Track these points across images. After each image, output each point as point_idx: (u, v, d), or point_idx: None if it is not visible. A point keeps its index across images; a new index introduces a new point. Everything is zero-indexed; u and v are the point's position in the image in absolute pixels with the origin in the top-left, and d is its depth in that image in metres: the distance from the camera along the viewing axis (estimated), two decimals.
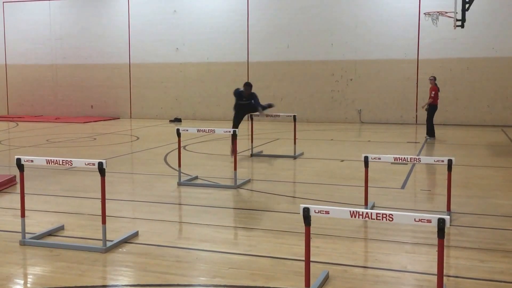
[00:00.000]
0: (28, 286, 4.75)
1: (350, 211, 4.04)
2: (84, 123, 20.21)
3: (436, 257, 3.93)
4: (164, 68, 21.75)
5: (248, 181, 8.94)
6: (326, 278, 4.65)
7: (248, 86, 11.50)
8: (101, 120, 21.28)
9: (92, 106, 22.85)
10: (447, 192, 6.76)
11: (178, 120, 20.92)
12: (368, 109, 19.72)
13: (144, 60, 21.96)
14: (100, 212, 5.54)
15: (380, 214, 3.96)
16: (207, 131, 9.61)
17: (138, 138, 15.54)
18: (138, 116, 22.20)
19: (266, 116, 12.00)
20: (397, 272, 4.90)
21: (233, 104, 11.81)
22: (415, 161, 6.96)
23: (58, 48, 23.06)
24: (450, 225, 5.75)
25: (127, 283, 4.71)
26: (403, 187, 8.58)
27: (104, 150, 13.18)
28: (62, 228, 6.19)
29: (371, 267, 5.04)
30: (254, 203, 7.79)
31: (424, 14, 16.95)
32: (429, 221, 3.83)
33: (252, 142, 12.03)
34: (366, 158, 6.70)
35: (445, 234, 3.82)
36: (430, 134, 14.73)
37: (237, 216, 7.10)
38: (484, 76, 18.53)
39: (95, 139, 15.35)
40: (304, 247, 4.27)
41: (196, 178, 9.19)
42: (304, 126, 17.72)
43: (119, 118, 22.28)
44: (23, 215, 5.65)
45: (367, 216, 4.01)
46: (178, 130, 8.91)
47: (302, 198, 7.94)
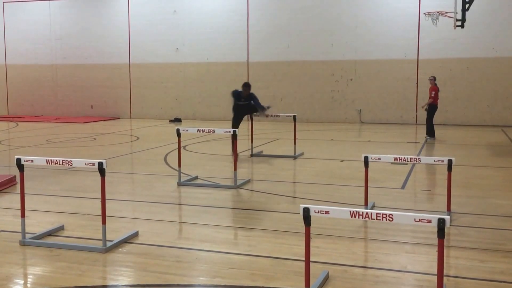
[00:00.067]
0: (28, 286, 4.75)
1: (350, 211, 4.04)
2: (84, 123, 20.21)
3: (436, 257, 3.93)
4: (164, 68, 21.75)
5: (248, 181, 8.94)
6: (326, 278, 4.65)
7: (247, 86, 11.33)
8: (101, 120, 21.28)
9: (92, 106, 22.85)
10: (447, 192, 6.76)
11: (178, 120, 20.91)
12: (368, 109, 19.72)
13: (144, 60, 21.96)
14: (100, 212, 5.54)
15: (380, 214, 3.96)
16: (207, 131, 9.61)
17: (138, 138, 15.54)
18: (138, 116, 22.20)
19: (267, 116, 11.77)
20: (397, 272, 4.90)
21: (232, 104, 11.68)
22: (415, 161, 6.96)
23: (58, 48, 23.06)
24: (450, 225, 5.75)
25: (127, 283, 4.71)
26: (403, 187, 8.58)
27: (104, 150, 13.18)
28: (62, 228, 6.19)
29: (371, 267, 5.04)
30: (254, 203, 7.79)
31: (424, 14, 16.96)
32: (429, 221, 3.83)
33: (252, 142, 12.03)
34: (366, 158, 6.71)
35: (445, 234, 3.82)
36: (430, 134, 14.73)
37: (237, 216, 7.10)
38: (484, 76, 18.53)
39: (95, 139, 15.35)
40: (304, 247, 4.27)
41: (196, 178, 9.19)
42: (304, 126, 17.72)
43: (119, 118, 22.28)
44: (23, 215, 5.66)
45: (367, 216, 4.01)
46: (178, 130, 8.91)
47: (302, 198, 7.94)
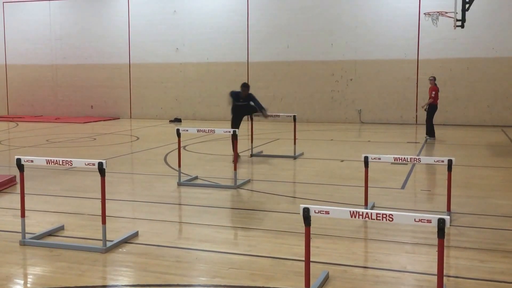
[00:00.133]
0: (28, 286, 4.75)
1: (350, 211, 4.04)
2: (84, 123, 20.21)
3: (436, 257, 3.93)
4: (164, 68, 21.75)
5: (248, 181, 8.94)
6: (326, 278, 4.65)
7: (245, 87, 11.17)
8: (101, 120, 21.28)
9: (92, 106, 22.85)
10: (447, 192, 6.76)
11: (178, 120, 20.91)
12: (368, 109, 19.71)
13: (144, 60, 21.96)
14: (100, 212, 5.54)
15: (380, 214, 3.96)
16: (207, 131, 9.60)
17: (138, 138, 15.54)
18: (138, 116, 22.20)
19: (267, 117, 11.57)
20: (397, 272, 4.90)
21: (230, 105, 11.44)
22: (415, 161, 6.96)
23: (58, 48, 23.05)
24: (450, 225, 5.75)
25: (127, 283, 4.71)
26: (403, 187, 8.58)
27: (104, 150, 13.18)
28: (62, 228, 6.19)
29: (371, 267, 5.04)
30: (254, 203, 7.79)
31: (424, 14, 16.96)
32: (429, 221, 3.83)
33: (252, 142, 12.02)
34: (366, 158, 6.71)
35: (445, 234, 3.82)
36: (430, 134, 14.72)
37: (237, 216, 7.10)
38: (484, 76, 18.53)
39: (95, 139, 15.35)
40: (304, 247, 4.27)
41: (196, 178, 9.19)
42: (304, 126, 17.72)
43: (119, 118, 22.28)
44: (23, 215, 5.66)
45: (367, 216, 4.01)
46: (178, 130, 8.91)
47: (302, 198, 7.94)
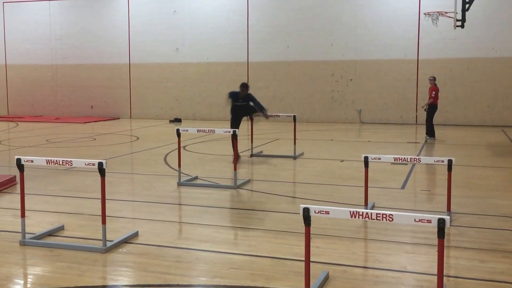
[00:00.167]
0: (28, 286, 4.75)
1: (350, 211, 4.03)
2: (84, 123, 20.21)
3: (436, 257, 3.93)
4: (164, 68, 21.75)
5: (248, 181, 8.94)
6: (326, 278, 4.65)
7: (244, 87, 11.06)
8: (101, 120, 21.28)
9: (92, 106, 22.85)
10: (447, 192, 6.76)
11: (178, 120, 20.91)
12: (368, 109, 19.71)
13: (144, 60, 21.96)
14: (100, 212, 5.54)
15: (380, 214, 3.96)
16: (207, 131, 9.60)
17: (138, 138, 15.54)
18: (138, 116, 22.20)
19: (267, 118, 11.42)
20: (397, 272, 4.90)
21: (229, 106, 11.26)
22: (415, 161, 6.96)
23: (58, 48, 23.06)
24: (450, 225, 5.75)
25: (127, 283, 4.71)
26: (403, 187, 8.58)
27: (104, 150, 13.18)
28: (62, 228, 6.19)
29: (371, 267, 5.04)
30: (254, 203, 7.78)
31: (424, 14, 16.96)
32: (429, 221, 3.83)
33: (252, 142, 12.02)
34: (366, 158, 6.71)
35: (445, 234, 3.82)
36: (430, 134, 14.72)
37: (237, 216, 7.10)
38: (484, 76, 18.53)
39: (95, 139, 15.35)
40: (304, 247, 4.27)
41: (196, 178, 9.19)
42: (304, 126, 17.72)
43: (119, 118, 22.28)
44: (23, 215, 5.66)
45: (367, 216, 4.01)
46: (178, 130, 8.91)
47: (302, 198, 7.94)
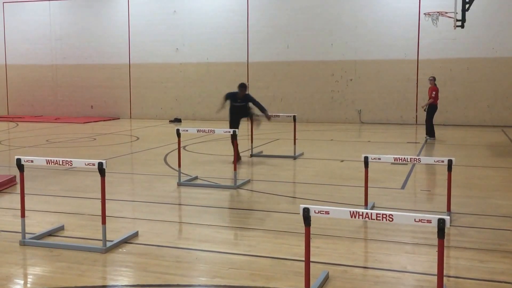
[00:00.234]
0: (28, 286, 4.75)
1: (350, 212, 4.03)
2: (84, 123, 20.21)
3: (436, 257, 3.93)
4: (164, 68, 21.75)
5: (248, 181, 8.94)
6: (326, 278, 4.65)
7: (242, 87, 10.91)
8: (101, 121, 21.28)
9: (92, 106, 22.85)
10: (447, 193, 6.76)
11: (178, 120, 20.91)
12: (368, 109, 19.71)
13: (144, 60, 21.96)
14: (100, 212, 5.54)
15: (380, 214, 3.96)
16: (207, 131, 9.60)
17: (138, 138, 15.54)
18: (138, 116, 22.20)
19: (269, 119, 11.22)
20: (397, 273, 4.90)
21: (228, 107, 11.05)
22: (415, 161, 6.96)
23: (58, 48, 23.05)
24: (450, 225, 5.75)
25: (127, 283, 4.71)
26: (403, 187, 8.58)
27: (104, 150, 13.18)
28: (62, 228, 6.19)
29: (371, 267, 5.04)
30: (254, 203, 7.79)
31: (424, 14, 16.95)
32: (429, 221, 3.83)
33: (252, 142, 12.02)
34: (366, 159, 6.70)
35: (445, 234, 3.82)
36: (430, 134, 14.72)
37: (237, 216, 7.09)
38: (484, 76, 18.53)
39: (95, 139, 15.35)
40: (304, 248, 4.27)
41: (196, 178, 9.19)
42: (304, 127, 17.71)
43: (119, 119, 22.27)
44: (23, 215, 5.65)
45: (367, 216, 4.01)
46: (178, 130, 8.91)
47: (302, 198, 7.94)
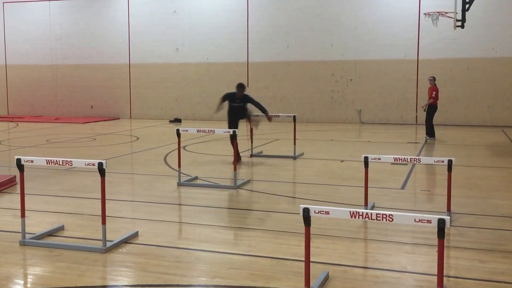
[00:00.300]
0: (28, 286, 4.75)
1: (350, 212, 4.04)
2: (84, 123, 20.21)
3: (436, 257, 3.93)
4: (164, 68, 21.75)
5: (248, 181, 8.94)
6: (326, 278, 4.65)
7: (241, 87, 10.73)
8: (101, 121, 21.28)
9: (92, 106, 22.85)
10: (447, 193, 6.76)
11: (178, 120, 20.91)
12: (368, 109, 19.71)
13: (144, 60, 21.96)
14: (100, 212, 5.54)
15: (380, 214, 3.96)
16: (207, 131, 9.60)
17: (138, 139, 15.54)
18: (138, 116, 22.20)
19: (270, 119, 11.11)
20: (397, 273, 4.90)
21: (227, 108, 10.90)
22: (415, 161, 6.96)
23: (58, 48, 23.05)
24: (450, 225, 5.75)
25: (127, 283, 4.71)
26: (403, 187, 8.58)
27: (104, 150, 13.18)
28: (62, 228, 6.19)
29: (371, 267, 5.04)
30: (253, 203, 7.79)
31: (424, 14, 16.95)
32: (429, 221, 3.83)
33: (251, 142, 12.02)
34: (366, 159, 6.70)
35: (445, 234, 3.83)
36: (430, 134, 14.72)
37: (236, 216, 7.09)
38: (484, 76, 18.53)
39: (95, 139, 15.35)
40: (304, 248, 4.27)
41: (196, 178, 9.19)
42: (304, 127, 17.71)
43: (119, 119, 22.27)
44: (23, 215, 5.65)
45: (367, 216, 4.01)
46: (178, 131, 8.91)
47: (302, 198, 7.94)
